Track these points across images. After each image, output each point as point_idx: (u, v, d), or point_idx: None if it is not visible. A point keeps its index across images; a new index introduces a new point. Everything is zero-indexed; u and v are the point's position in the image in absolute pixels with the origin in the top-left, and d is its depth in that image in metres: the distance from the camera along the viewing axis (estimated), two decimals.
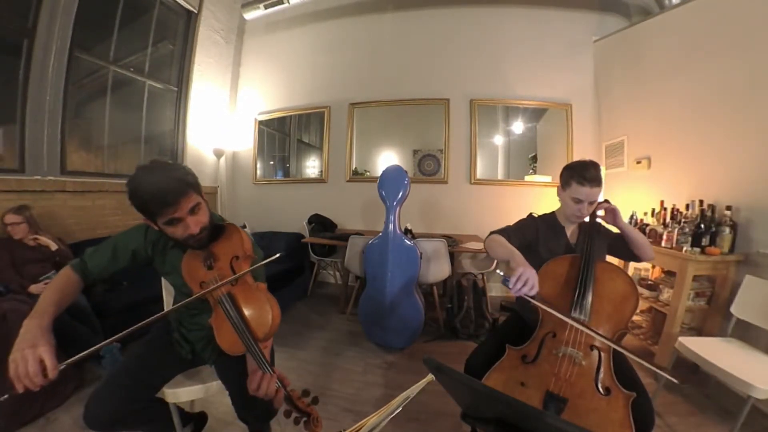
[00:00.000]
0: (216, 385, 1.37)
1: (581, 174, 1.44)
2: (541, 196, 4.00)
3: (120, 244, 1.24)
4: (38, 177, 2.72)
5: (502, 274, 1.26)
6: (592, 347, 1.23)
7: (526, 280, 1.16)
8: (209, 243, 1.16)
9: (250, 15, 4.58)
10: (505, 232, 1.53)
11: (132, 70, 3.57)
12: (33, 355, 0.86)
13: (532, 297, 1.19)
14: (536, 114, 4.24)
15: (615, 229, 1.60)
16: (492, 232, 1.53)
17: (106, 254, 1.21)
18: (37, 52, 2.65)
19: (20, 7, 2.59)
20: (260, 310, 1.07)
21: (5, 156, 2.63)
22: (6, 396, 0.82)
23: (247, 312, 1.06)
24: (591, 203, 1.48)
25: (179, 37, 4.01)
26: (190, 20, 4.04)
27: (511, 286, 1.18)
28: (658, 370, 1.09)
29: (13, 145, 2.64)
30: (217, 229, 1.20)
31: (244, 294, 1.09)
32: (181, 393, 1.34)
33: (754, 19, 2.30)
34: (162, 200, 1.01)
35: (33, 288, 2.18)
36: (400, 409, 0.74)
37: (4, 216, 2.31)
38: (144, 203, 1.03)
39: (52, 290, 1.09)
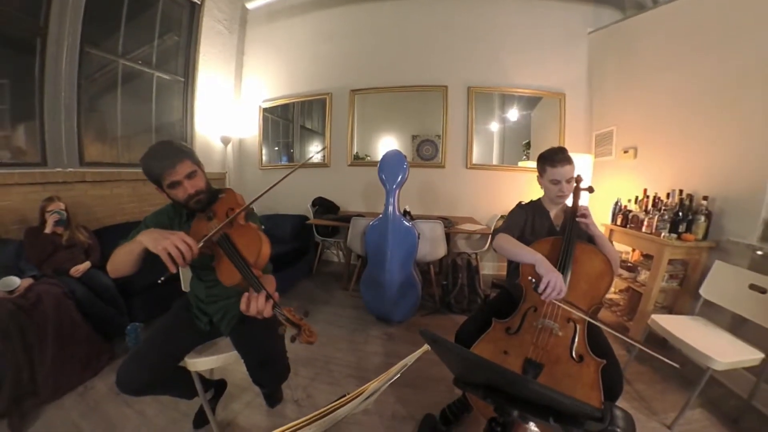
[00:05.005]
0: (232, 355, 1.51)
1: (552, 159, 1.65)
2: (533, 182, 3.97)
3: (149, 222, 1.41)
4: (59, 169, 2.84)
5: (534, 281, 1.34)
6: (569, 320, 1.35)
7: (555, 286, 1.29)
8: (209, 205, 1.35)
9: (251, 4, 4.59)
10: (509, 229, 1.63)
11: (140, 62, 3.63)
12: (179, 238, 1.09)
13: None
14: (531, 102, 4.32)
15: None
16: (497, 231, 1.64)
17: None
18: (50, 49, 2.72)
19: (31, 6, 2.65)
20: (249, 240, 1.23)
21: (28, 150, 2.75)
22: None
23: (239, 244, 1.23)
24: (568, 181, 1.64)
25: (184, 28, 4.06)
26: (193, 11, 4.08)
27: (540, 291, 1.30)
28: (630, 340, 1.24)
29: (35, 140, 2.75)
30: (217, 194, 1.40)
31: (236, 231, 1.27)
32: (200, 362, 1.49)
33: (744, 17, 2.34)
34: (161, 163, 1.24)
35: (74, 270, 2.41)
36: (399, 375, 0.83)
37: (49, 204, 2.45)
38: (151, 169, 1.26)
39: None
